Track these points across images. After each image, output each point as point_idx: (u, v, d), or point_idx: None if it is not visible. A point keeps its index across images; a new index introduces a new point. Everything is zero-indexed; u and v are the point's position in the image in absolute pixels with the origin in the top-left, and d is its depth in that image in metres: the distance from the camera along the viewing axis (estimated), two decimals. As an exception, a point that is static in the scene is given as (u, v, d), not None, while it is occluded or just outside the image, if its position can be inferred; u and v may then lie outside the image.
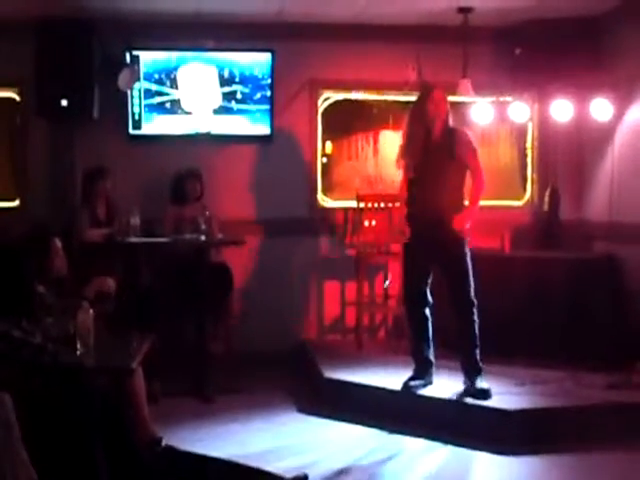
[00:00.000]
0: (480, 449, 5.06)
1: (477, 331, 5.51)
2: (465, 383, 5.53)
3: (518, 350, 6.19)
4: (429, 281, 5.62)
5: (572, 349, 6.17)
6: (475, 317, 5.51)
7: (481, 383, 5.46)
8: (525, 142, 7.83)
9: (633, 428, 5.18)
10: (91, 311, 4.04)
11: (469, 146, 5.55)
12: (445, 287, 5.57)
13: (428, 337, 5.67)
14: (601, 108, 6.77)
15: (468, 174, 5.58)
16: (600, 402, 5.39)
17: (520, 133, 7.81)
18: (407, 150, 5.59)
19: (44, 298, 4.32)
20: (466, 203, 5.60)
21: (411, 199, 5.62)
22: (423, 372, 5.67)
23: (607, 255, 6.81)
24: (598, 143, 7.18)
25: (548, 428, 5.17)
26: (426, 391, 5.60)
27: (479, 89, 6.89)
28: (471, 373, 5.50)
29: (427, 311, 5.65)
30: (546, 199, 7.40)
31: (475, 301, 5.51)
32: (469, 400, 5.38)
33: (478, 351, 5.51)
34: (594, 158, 7.29)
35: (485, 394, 5.38)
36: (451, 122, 5.59)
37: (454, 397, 5.44)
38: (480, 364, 5.52)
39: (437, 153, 5.49)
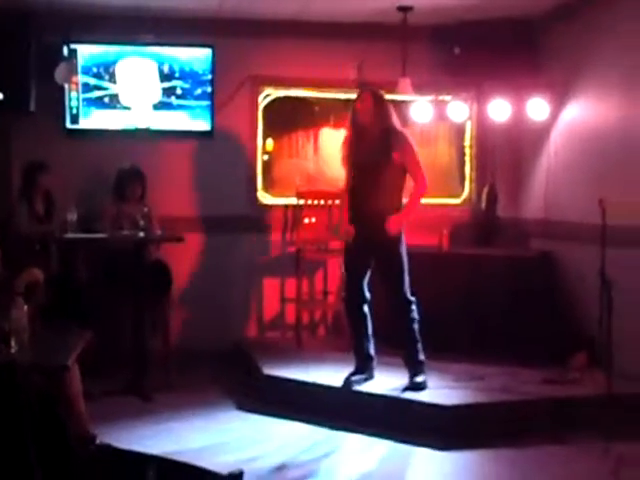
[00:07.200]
0: (418, 444, 5.09)
1: (417, 328, 5.57)
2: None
3: (455, 346, 6.26)
4: (366, 278, 5.66)
5: (509, 345, 6.25)
6: (414, 315, 5.57)
7: (419, 377, 5.54)
8: (463, 141, 7.91)
9: (567, 423, 5.27)
10: (26, 307, 3.98)
11: (406, 148, 5.54)
12: (381, 286, 5.62)
13: (367, 333, 5.71)
14: (537, 108, 6.87)
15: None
16: (535, 397, 5.47)
17: (459, 132, 7.88)
18: (343, 150, 5.67)
19: (-22, 295, 4.25)
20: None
21: (351, 197, 5.66)
22: (364, 367, 5.71)
23: (542, 252, 6.93)
24: (534, 142, 7.29)
25: (484, 423, 5.23)
26: (365, 387, 5.63)
27: (418, 88, 6.95)
28: (413, 368, 5.58)
29: (365, 308, 5.69)
30: (484, 197, 7.48)
31: (413, 299, 5.56)
32: (406, 395, 5.43)
33: (420, 346, 5.58)
34: (531, 157, 7.40)
35: (418, 386, 5.49)
36: (395, 123, 5.60)
37: (392, 393, 5.48)
38: (421, 358, 5.59)
39: (373, 154, 5.51)
